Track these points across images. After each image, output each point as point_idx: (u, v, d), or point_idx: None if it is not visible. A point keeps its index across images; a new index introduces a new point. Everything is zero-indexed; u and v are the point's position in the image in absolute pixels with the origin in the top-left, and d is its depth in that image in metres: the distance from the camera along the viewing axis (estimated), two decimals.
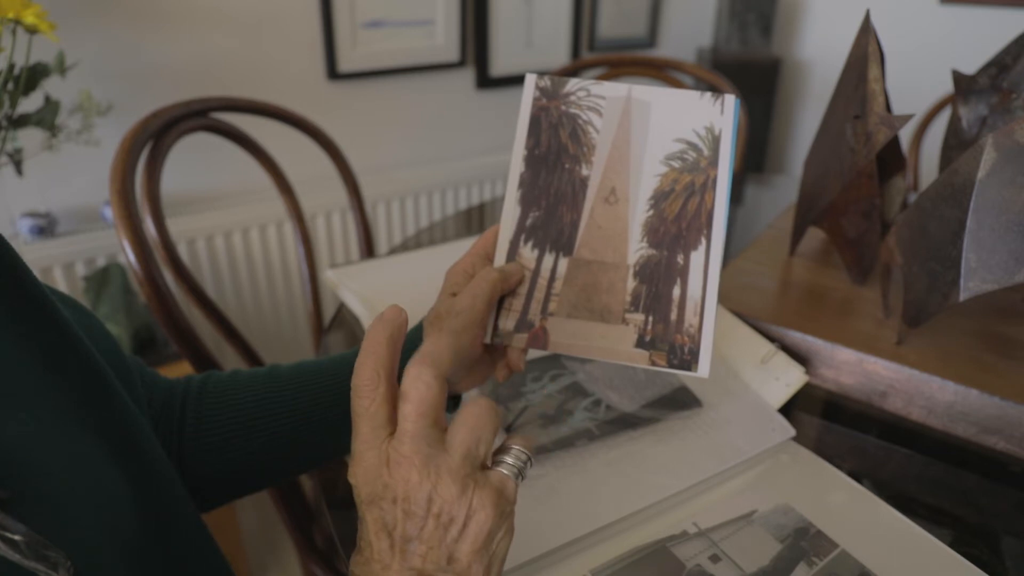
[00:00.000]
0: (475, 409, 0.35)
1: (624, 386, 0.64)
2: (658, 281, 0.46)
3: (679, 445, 0.57)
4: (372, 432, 0.34)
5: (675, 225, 0.47)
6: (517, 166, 0.49)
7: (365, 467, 0.34)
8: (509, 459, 0.36)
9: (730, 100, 0.48)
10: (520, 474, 0.36)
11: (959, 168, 0.58)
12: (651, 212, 0.48)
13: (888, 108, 0.68)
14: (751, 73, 2.10)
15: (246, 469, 0.52)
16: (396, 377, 0.35)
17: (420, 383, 0.33)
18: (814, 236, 0.91)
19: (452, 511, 0.33)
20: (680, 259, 0.47)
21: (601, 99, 0.50)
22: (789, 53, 2.31)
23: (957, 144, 0.81)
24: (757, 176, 1.40)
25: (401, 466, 0.33)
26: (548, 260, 0.47)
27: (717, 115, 0.49)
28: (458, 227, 1.11)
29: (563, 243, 0.48)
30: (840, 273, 0.82)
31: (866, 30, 0.68)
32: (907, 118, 0.64)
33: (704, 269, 0.46)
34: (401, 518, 0.33)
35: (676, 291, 0.46)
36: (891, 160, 0.79)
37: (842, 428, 0.65)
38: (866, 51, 0.67)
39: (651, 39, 2.11)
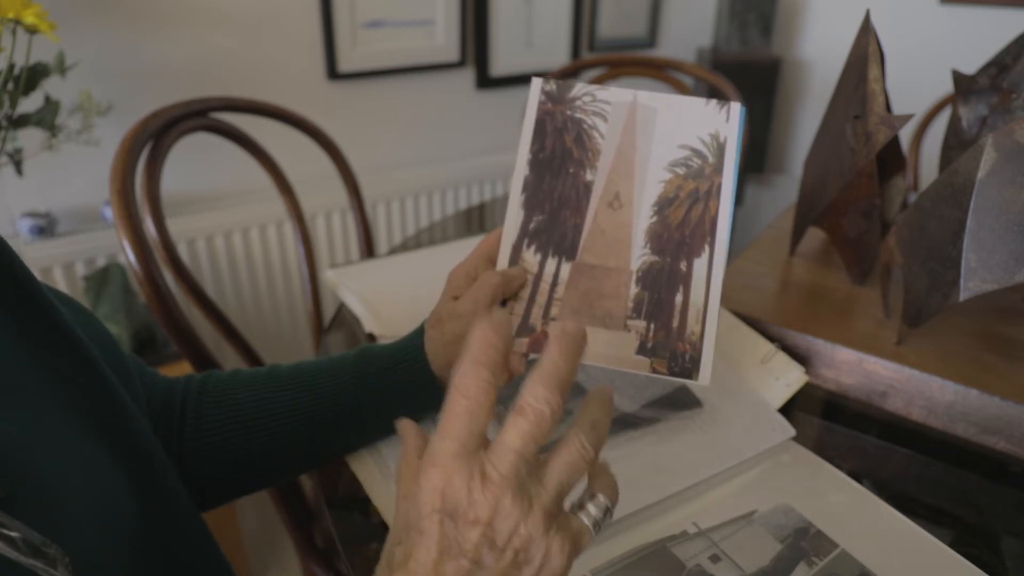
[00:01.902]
0: (576, 447, 0.32)
1: (624, 386, 0.64)
2: (660, 288, 0.46)
3: (679, 445, 0.57)
4: (471, 437, 0.31)
5: (678, 232, 0.47)
6: (521, 170, 0.49)
7: (451, 473, 0.30)
8: (592, 508, 0.34)
9: (736, 108, 0.48)
10: (597, 526, 0.34)
11: (959, 168, 0.58)
12: (655, 218, 0.48)
13: (888, 108, 0.68)
14: (751, 73, 2.10)
15: (246, 469, 0.52)
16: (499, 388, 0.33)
17: (546, 405, 0.31)
18: (814, 236, 0.91)
19: (531, 550, 0.30)
20: (683, 266, 0.46)
21: (606, 104, 0.50)
22: (789, 53, 2.31)
23: (957, 144, 0.81)
24: (757, 176, 1.40)
25: (496, 485, 0.30)
26: (551, 264, 0.47)
27: (723, 123, 0.49)
28: (458, 227, 1.11)
29: (566, 247, 0.48)
30: (840, 273, 0.82)
31: (866, 30, 0.68)
32: (907, 118, 0.64)
33: (707, 277, 0.46)
34: (477, 542, 0.30)
35: (678, 298, 0.46)
36: (891, 160, 0.79)
37: (842, 428, 0.65)
38: (866, 51, 0.67)
39: (651, 39, 2.11)
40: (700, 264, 0.46)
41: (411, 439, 0.35)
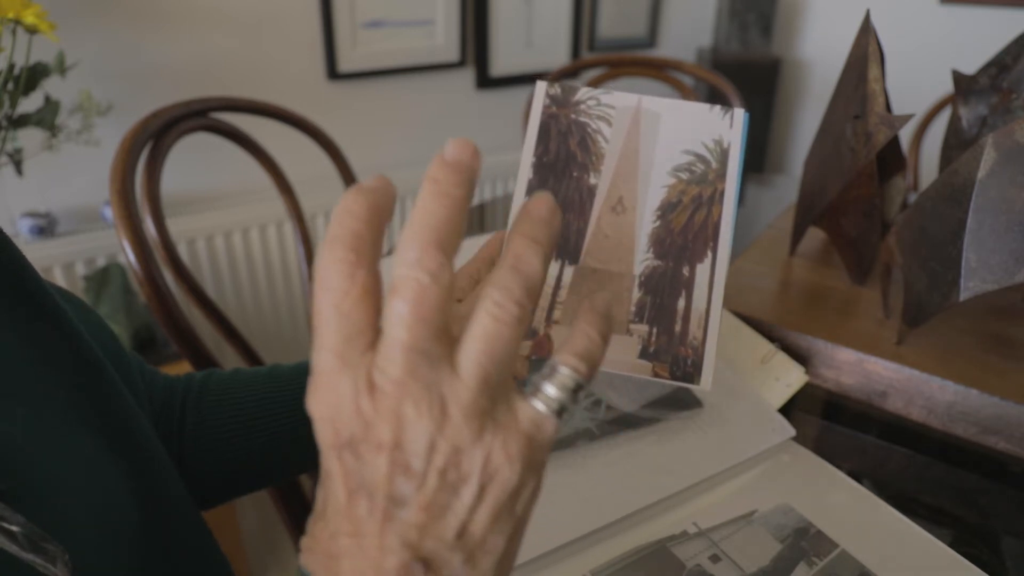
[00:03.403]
0: (489, 309, 0.24)
1: (624, 386, 0.64)
2: (663, 292, 0.46)
3: (679, 445, 0.57)
4: (345, 343, 0.23)
5: (681, 237, 0.47)
6: (525, 173, 0.49)
7: (334, 394, 0.23)
8: (550, 388, 0.25)
9: (739, 114, 0.49)
10: (563, 409, 0.25)
11: (959, 168, 0.58)
12: (658, 223, 0.48)
13: (888, 108, 0.68)
14: (751, 73, 2.10)
15: (246, 468, 0.52)
16: (378, 265, 0.24)
17: (422, 272, 0.23)
18: (814, 236, 0.91)
19: (463, 465, 0.23)
20: (686, 271, 0.47)
21: (611, 108, 0.50)
22: (789, 53, 2.31)
23: (957, 144, 0.81)
24: (757, 176, 1.40)
25: (389, 396, 0.23)
26: (553, 268, 0.47)
27: (726, 128, 0.49)
28: None
29: (569, 251, 0.48)
30: (840, 273, 0.82)
31: (866, 30, 0.68)
32: (907, 118, 0.64)
33: (709, 282, 0.46)
34: (388, 471, 0.23)
35: (681, 303, 0.46)
36: (891, 160, 0.79)
37: (842, 428, 0.65)
38: (866, 51, 0.67)
39: (651, 39, 2.11)
40: (703, 269, 0.47)
41: None
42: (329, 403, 0.23)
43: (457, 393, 0.23)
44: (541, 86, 0.50)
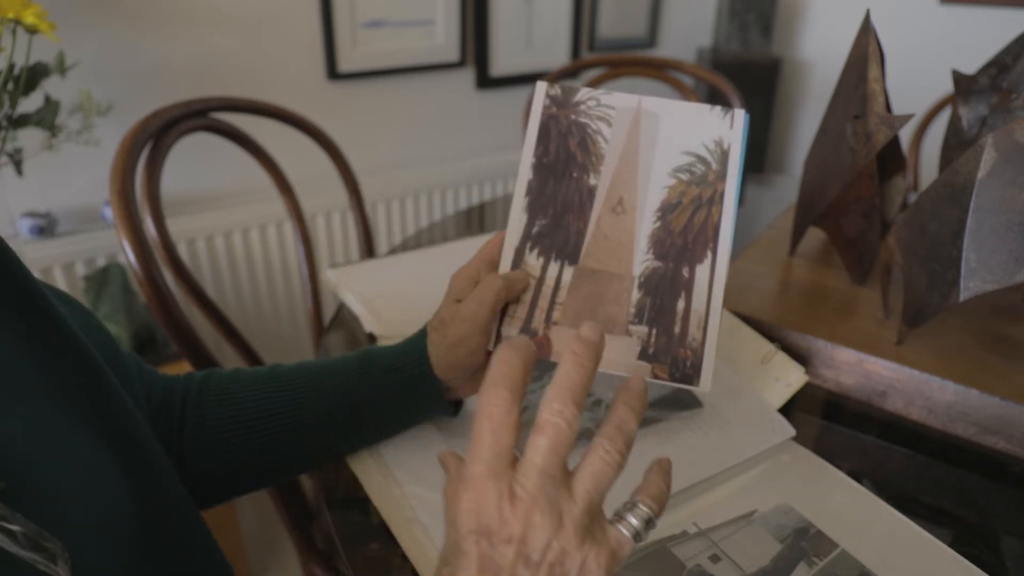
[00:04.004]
0: (600, 455, 0.33)
1: None
2: (663, 293, 0.46)
3: (679, 445, 0.57)
4: (496, 458, 0.32)
5: (681, 238, 0.47)
6: (525, 173, 0.49)
7: (483, 495, 0.32)
8: (632, 518, 0.34)
9: (740, 115, 0.48)
10: (638, 536, 0.33)
11: (959, 168, 0.58)
12: (658, 224, 0.48)
13: (888, 108, 0.68)
14: (751, 73, 2.10)
15: (246, 468, 0.52)
16: (523, 406, 0.33)
17: (561, 419, 0.32)
18: (814, 236, 0.91)
19: (567, 563, 0.31)
20: (685, 272, 0.47)
21: (611, 109, 0.50)
22: (789, 53, 2.31)
23: (957, 144, 0.81)
24: (757, 176, 1.40)
25: (525, 503, 0.31)
26: (553, 268, 0.47)
27: (726, 129, 0.49)
28: (458, 227, 1.11)
29: (569, 252, 0.48)
30: (840, 273, 0.82)
31: (866, 30, 0.68)
32: (907, 118, 0.64)
33: (709, 283, 0.46)
34: (513, 559, 0.31)
35: (680, 304, 0.46)
36: (891, 160, 0.79)
37: (842, 428, 0.65)
38: (866, 51, 0.67)
39: (651, 39, 2.11)
40: (702, 270, 0.46)
41: (452, 467, 0.36)
42: (477, 500, 0.31)
43: (571, 511, 0.32)
44: (541, 86, 0.50)
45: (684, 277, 0.46)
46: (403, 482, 0.52)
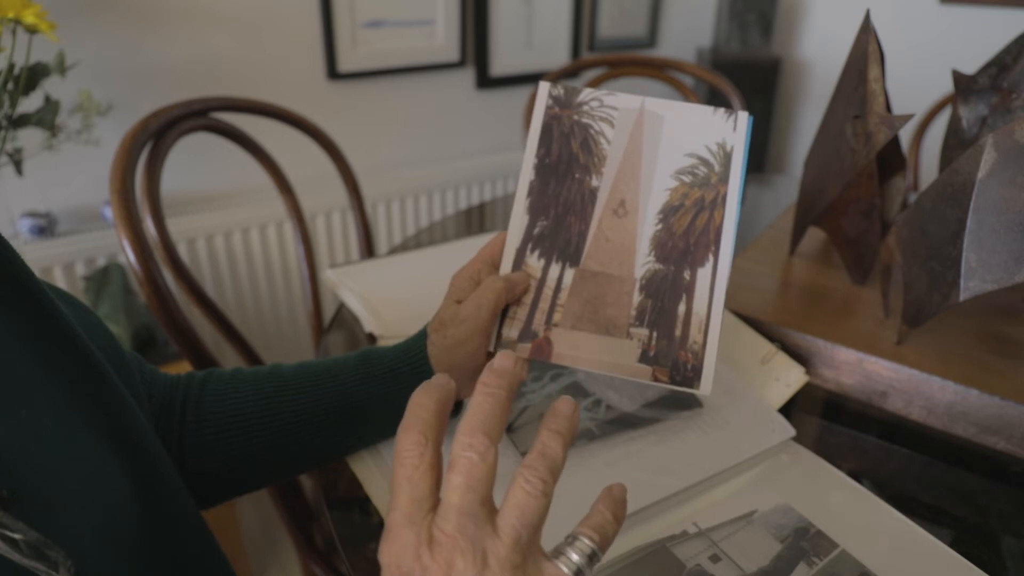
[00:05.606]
0: (521, 485, 0.30)
1: (624, 386, 0.64)
2: (664, 296, 0.46)
3: (679, 445, 0.57)
4: (412, 504, 0.30)
5: (683, 240, 0.47)
6: (527, 174, 0.49)
7: (401, 544, 0.30)
8: (573, 553, 0.31)
9: (743, 117, 0.48)
10: (580, 573, 0.31)
11: (959, 168, 0.58)
12: (660, 226, 0.47)
13: (888, 108, 0.68)
14: (751, 73, 2.10)
15: (246, 468, 0.52)
16: (441, 446, 0.31)
17: (472, 452, 0.30)
18: (814, 236, 0.91)
19: None
20: (687, 275, 0.46)
21: (614, 110, 0.49)
22: (789, 53, 2.31)
23: (957, 144, 0.81)
24: (757, 176, 1.40)
25: (444, 548, 0.29)
26: (554, 270, 0.47)
27: (730, 131, 0.48)
28: (458, 227, 1.11)
29: (570, 253, 0.48)
30: (840, 273, 0.82)
31: (866, 30, 0.68)
32: (907, 118, 0.64)
33: (710, 286, 0.46)
34: None
35: (681, 307, 0.46)
36: (891, 160, 0.79)
37: (842, 428, 0.65)
38: (866, 51, 0.67)
39: (651, 39, 2.11)
40: (704, 273, 0.46)
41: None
42: (395, 551, 0.30)
43: (496, 549, 0.29)
44: (544, 87, 0.50)
45: (685, 280, 0.46)
46: None
